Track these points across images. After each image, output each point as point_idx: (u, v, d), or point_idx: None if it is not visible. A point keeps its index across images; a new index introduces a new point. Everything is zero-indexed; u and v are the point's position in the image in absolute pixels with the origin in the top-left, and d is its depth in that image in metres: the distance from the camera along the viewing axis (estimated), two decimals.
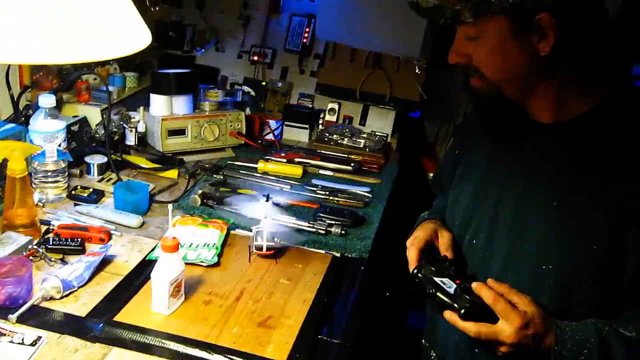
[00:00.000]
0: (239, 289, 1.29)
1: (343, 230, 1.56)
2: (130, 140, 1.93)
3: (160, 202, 1.67)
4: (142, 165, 1.84)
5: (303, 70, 2.35)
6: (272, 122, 2.21)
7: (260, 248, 1.39)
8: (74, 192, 1.63)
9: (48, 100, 1.56)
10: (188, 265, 1.29)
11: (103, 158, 1.78)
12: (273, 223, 1.46)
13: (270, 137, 2.18)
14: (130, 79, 2.13)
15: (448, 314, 1.04)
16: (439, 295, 1.06)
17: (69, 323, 1.14)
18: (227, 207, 1.62)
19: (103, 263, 1.32)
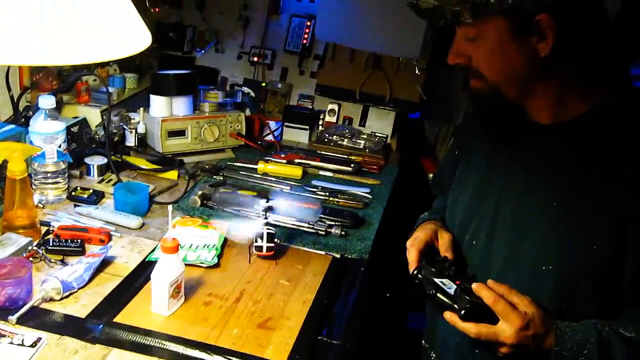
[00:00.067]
0: (239, 290, 1.29)
1: (343, 231, 1.56)
2: (130, 142, 1.93)
3: (160, 203, 1.67)
4: (142, 167, 1.84)
5: (303, 71, 2.35)
6: (272, 123, 2.21)
7: (260, 249, 1.39)
8: (74, 193, 1.63)
9: (48, 102, 1.56)
10: (188, 267, 1.29)
11: (103, 159, 1.78)
12: (273, 224, 1.46)
13: (270, 138, 2.18)
14: (130, 80, 2.14)
15: (448, 315, 1.04)
16: (439, 296, 1.06)
17: (69, 324, 1.14)
18: (227, 208, 1.62)
19: (103, 264, 1.32)
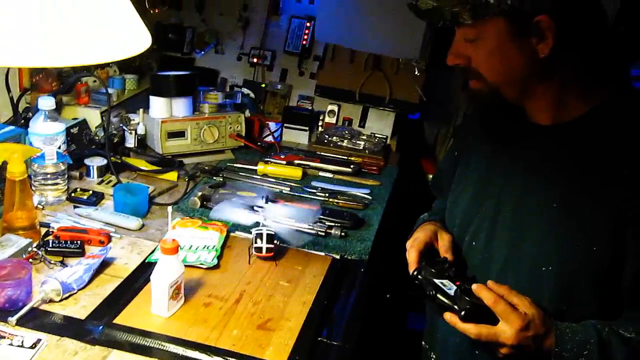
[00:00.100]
0: (239, 291, 1.29)
1: (343, 232, 1.56)
2: (130, 143, 1.93)
3: (160, 204, 1.67)
4: (141, 168, 1.84)
5: (302, 72, 2.35)
6: (271, 124, 2.21)
7: (260, 250, 1.39)
8: (74, 194, 1.63)
9: (48, 103, 1.56)
10: (188, 268, 1.29)
11: (103, 160, 1.78)
12: (272, 225, 1.46)
13: (270, 139, 2.18)
14: (130, 81, 2.14)
15: (448, 316, 1.04)
16: (439, 297, 1.06)
17: (69, 326, 1.14)
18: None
19: (102, 265, 1.32)
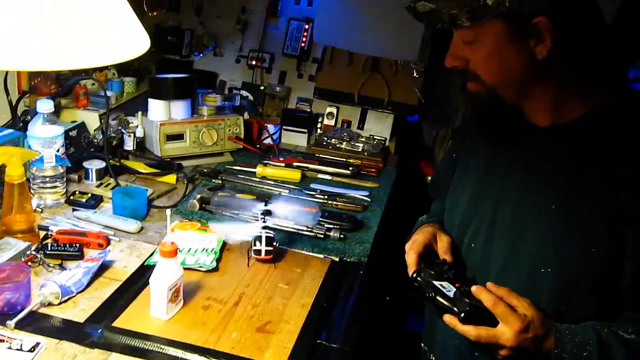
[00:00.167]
0: (238, 294, 1.29)
1: (342, 235, 1.56)
2: (129, 145, 1.93)
3: (159, 207, 1.67)
4: (140, 170, 1.84)
5: (301, 75, 2.35)
6: (270, 126, 2.21)
7: (259, 252, 1.38)
8: (73, 197, 1.63)
9: (46, 106, 1.56)
10: (187, 270, 1.29)
11: (101, 163, 1.77)
12: (271, 227, 1.46)
13: (269, 141, 2.18)
14: (129, 84, 2.14)
15: (448, 318, 1.04)
16: (439, 299, 1.06)
17: (68, 329, 1.14)
18: (225, 211, 1.62)
19: (101, 268, 1.31)
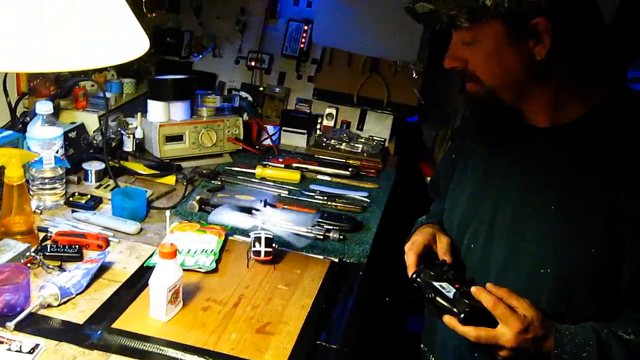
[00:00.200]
0: (237, 295, 1.29)
1: (341, 236, 1.56)
2: (128, 147, 1.93)
3: (158, 208, 1.67)
4: (139, 172, 1.84)
5: (300, 76, 2.35)
6: (269, 127, 2.21)
7: (259, 254, 1.38)
8: (72, 198, 1.63)
9: (45, 107, 1.55)
10: (186, 272, 1.28)
11: (101, 164, 1.77)
12: (271, 229, 1.46)
13: (268, 142, 2.18)
14: (128, 85, 2.14)
15: (447, 319, 1.04)
16: (438, 300, 1.06)
17: (67, 330, 1.14)
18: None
19: (101, 270, 1.31)
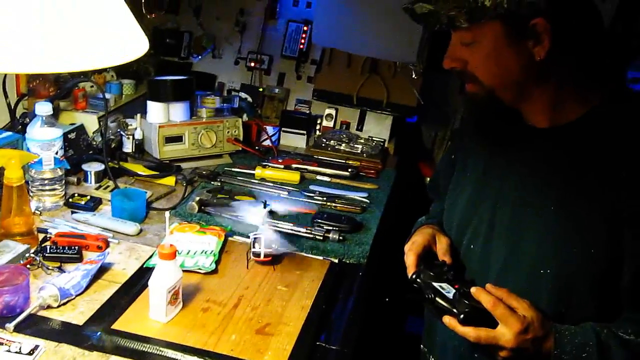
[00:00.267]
0: (237, 296, 1.29)
1: (341, 236, 1.56)
2: (128, 148, 1.93)
3: (158, 209, 1.67)
4: (139, 173, 1.83)
5: (300, 76, 2.35)
6: (269, 128, 2.21)
7: (258, 255, 1.38)
8: (71, 199, 1.63)
9: (45, 108, 1.55)
10: (186, 273, 1.29)
11: (100, 165, 1.77)
12: (271, 229, 1.46)
13: (268, 143, 2.18)
14: (127, 86, 2.14)
15: (447, 319, 1.04)
16: (438, 301, 1.06)
17: (67, 331, 1.14)
18: (224, 213, 1.62)
19: (100, 271, 1.31)
